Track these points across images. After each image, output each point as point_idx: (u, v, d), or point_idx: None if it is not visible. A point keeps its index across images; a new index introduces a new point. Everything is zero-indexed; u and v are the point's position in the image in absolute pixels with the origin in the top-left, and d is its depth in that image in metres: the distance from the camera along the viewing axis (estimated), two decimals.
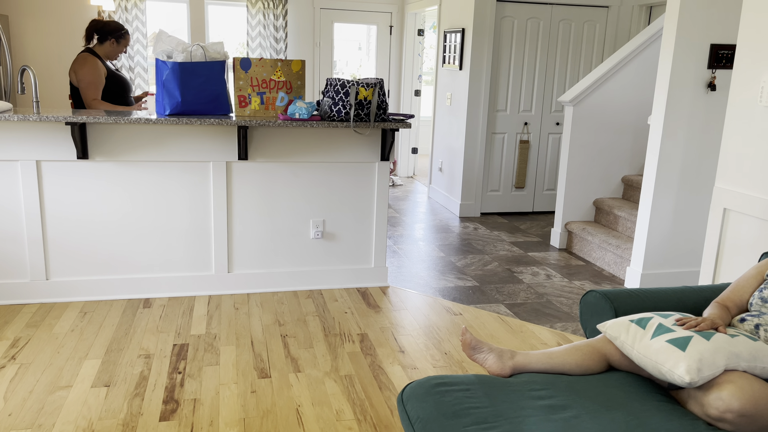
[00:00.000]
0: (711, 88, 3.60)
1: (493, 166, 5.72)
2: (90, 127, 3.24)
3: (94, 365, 2.70)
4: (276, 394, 2.53)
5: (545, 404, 1.66)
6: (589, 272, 4.29)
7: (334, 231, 3.74)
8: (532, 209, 5.94)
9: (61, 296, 3.38)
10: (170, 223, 3.47)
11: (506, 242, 4.93)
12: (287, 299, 3.58)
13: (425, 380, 1.78)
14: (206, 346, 2.94)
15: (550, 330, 3.29)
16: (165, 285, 3.53)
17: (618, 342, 1.82)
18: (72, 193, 3.31)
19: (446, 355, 2.95)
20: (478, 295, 3.77)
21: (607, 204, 4.68)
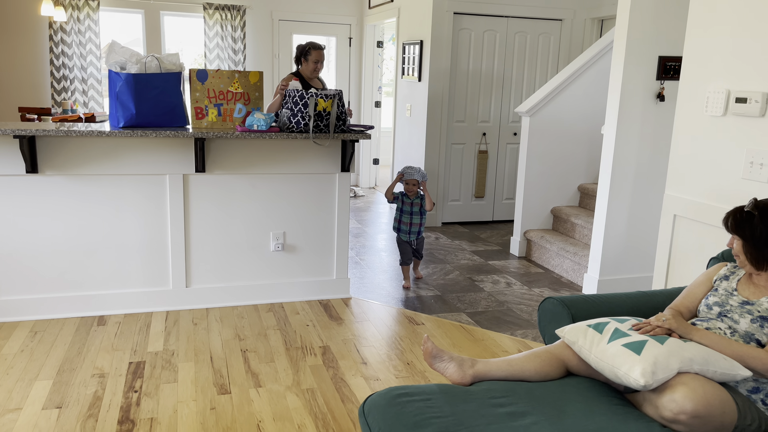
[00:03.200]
0: (660, 99, 3.72)
1: (452, 176, 5.78)
2: (39, 140, 3.14)
3: (45, 386, 2.60)
4: (236, 411, 2.48)
5: (506, 411, 1.67)
6: (548, 279, 4.35)
7: (295, 243, 3.71)
8: (492, 218, 6.01)
9: (9, 315, 3.26)
10: (125, 237, 3.39)
11: (467, 251, 4.97)
12: (247, 313, 3.52)
13: (386, 391, 1.78)
14: (164, 363, 2.87)
15: (510, 337, 3.32)
16: (120, 301, 3.44)
17: (576, 347, 1.85)
18: (21, 209, 3.20)
19: (409, 366, 2.94)
20: (440, 304, 3.79)
21: (564, 212, 4.78)
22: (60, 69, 6.24)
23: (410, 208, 4.03)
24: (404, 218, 4.06)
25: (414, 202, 4.03)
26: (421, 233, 4.12)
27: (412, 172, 3.96)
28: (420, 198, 4.04)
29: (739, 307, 1.85)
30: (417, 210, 4.04)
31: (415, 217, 4.04)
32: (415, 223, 4.05)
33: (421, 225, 4.09)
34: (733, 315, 1.85)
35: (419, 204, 4.04)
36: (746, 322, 1.81)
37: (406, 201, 4.02)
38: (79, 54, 6.29)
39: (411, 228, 4.06)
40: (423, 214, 4.06)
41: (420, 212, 4.05)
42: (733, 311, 1.85)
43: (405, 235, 4.09)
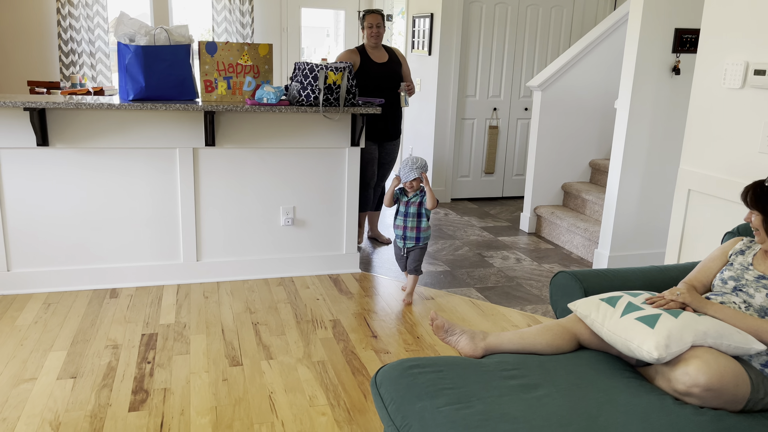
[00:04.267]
0: (675, 72, 3.66)
1: (462, 151, 5.74)
2: (50, 112, 3.13)
3: (59, 357, 2.63)
4: (248, 382, 2.51)
5: (517, 383, 1.68)
6: (558, 255, 4.34)
7: (305, 218, 3.70)
8: (502, 194, 5.98)
9: (23, 288, 3.29)
10: (136, 211, 3.40)
11: (476, 227, 4.96)
12: (258, 287, 3.54)
13: (398, 363, 1.78)
14: (176, 335, 2.89)
15: (520, 312, 3.32)
16: (132, 274, 3.46)
17: (588, 320, 1.84)
18: (32, 182, 3.21)
19: (419, 339, 2.95)
20: (450, 279, 3.79)
21: (575, 188, 4.74)
22: (68, 43, 6.21)
23: (406, 208, 3.24)
24: (398, 219, 3.29)
25: (412, 201, 3.22)
26: (421, 240, 3.29)
27: (409, 171, 3.16)
28: (420, 195, 3.22)
29: (755, 282, 1.83)
30: (415, 211, 3.23)
31: (411, 220, 3.24)
32: (411, 226, 3.24)
33: (420, 230, 3.25)
34: (749, 289, 1.83)
35: (417, 204, 3.22)
36: (761, 297, 1.79)
37: (402, 199, 3.26)
38: (86, 27, 6.25)
39: (406, 233, 3.26)
40: (423, 217, 3.24)
41: (418, 214, 3.23)
42: (748, 285, 1.84)
43: (399, 240, 3.33)
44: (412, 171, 3.13)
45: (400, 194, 3.25)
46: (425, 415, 1.54)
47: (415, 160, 3.15)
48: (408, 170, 3.14)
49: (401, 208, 3.25)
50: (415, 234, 3.26)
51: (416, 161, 3.15)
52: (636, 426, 1.48)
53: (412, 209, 3.23)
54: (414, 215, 3.23)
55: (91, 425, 2.17)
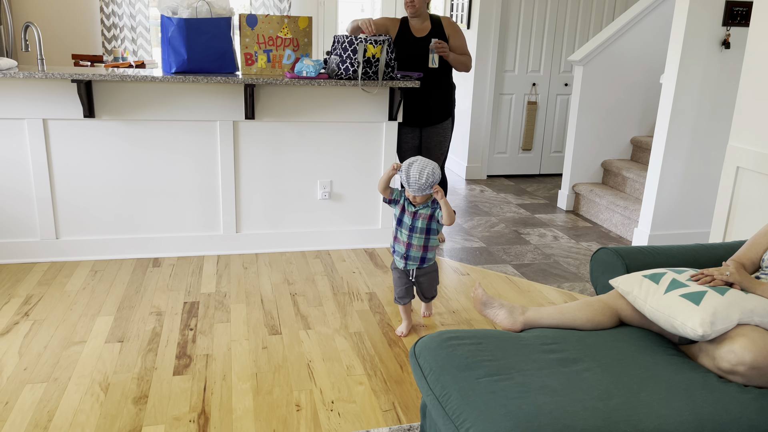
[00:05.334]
0: (725, 46, 3.53)
1: (500, 127, 5.67)
2: (96, 84, 3.20)
3: (106, 321, 2.73)
4: (287, 350, 2.56)
5: (557, 357, 1.68)
6: (596, 233, 4.28)
7: (342, 192, 3.73)
8: (539, 171, 5.91)
9: (71, 255, 3.40)
10: (177, 182, 3.47)
11: (513, 204, 4.91)
12: (295, 259, 3.59)
13: (437, 334, 1.80)
14: (216, 303, 2.96)
15: (557, 290, 3.30)
16: (174, 245, 3.54)
17: (630, 297, 1.82)
18: (79, 152, 3.29)
19: (454, 314, 2.97)
20: (486, 256, 3.78)
21: (616, 165, 4.65)
22: (110, 17, 6.30)
23: (412, 221, 2.51)
24: (401, 233, 2.56)
25: (420, 213, 2.50)
26: (427, 262, 2.59)
27: (421, 184, 2.38)
28: (431, 207, 2.50)
29: None
30: (422, 226, 2.51)
31: (417, 236, 2.52)
32: (415, 244, 2.53)
33: (428, 249, 2.56)
34: None
35: (428, 216, 2.49)
36: None
37: (408, 208, 2.52)
38: (128, 2, 6.33)
39: (410, 251, 2.55)
40: (432, 233, 2.54)
41: (428, 229, 2.52)
42: None
43: (400, 260, 2.60)
44: (424, 185, 2.39)
45: (405, 201, 2.54)
46: (464, 385, 1.55)
47: (421, 171, 2.36)
48: (420, 183, 2.38)
49: (406, 219, 2.52)
50: (421, 253, 2.56)
51: (422, 173, 2.36)
52: (679, 402, 1.47)
53: (420, 223, 2.50)
54: (422, 230, 2.51)
55: (138, 387, 2.25)
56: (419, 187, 2.37)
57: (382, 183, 2.51)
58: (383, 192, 2.53)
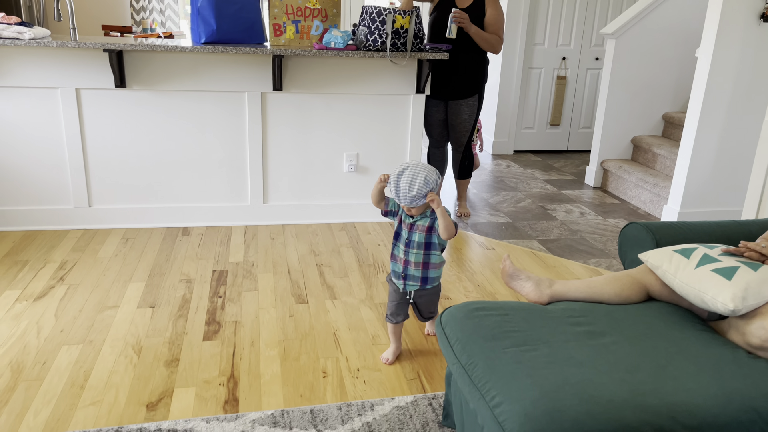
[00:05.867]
0: (764, 19, 3.42)
1: (528, 102, 5.60)
2: (127, 54, 3.23)
3: (138, 288, 2.80)
4: (313, 319, 2.60)
5: (584, 330, 1.68)
6: (624, 210, 4.23)
7: (368, 164, 3.73)
8: (567, 147, 5.83)
9: (103, 223, 3.48)
10: (206, 153, 3.50)
11: (540, 180, 4.87)
12: (321, 231, 3.62)
13: (464, 305, 1.81)
14: (244, 272, 3.01)
15: (583, 265, 3.29)
16: (202, 214, 3.60)
17: (660, 271, 1.81)
18: (111, 122, 3.34)
19: (479, 287, 2.98)
20: (511, 231, 3.76)
21: (646, 142, 4.57)
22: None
23: (409, 234, 2.15)
24: (397, 248, 2.20)
25: (417, 225, 2.13)
26: (429, 282, 2.21)
27: (412, 195, 2.01)
28: (430, 218, 2.12)
29: None
30: (422, 240, 2.13)
31: (415, 252, 2.14)
32: (413, 261, 2.15)
33: (430, 267, 2.18)
34: None
35: (426, 229, 2.12)
36: None
37: (405, 220, 2.16)
38: None
39: (408, 269, 2.17)
40: (433, 248, 2.16)
41: (427, 243, 2.14)
42: None
43: (398, 279, 2.23)
44: (415, 197, 2.01)
45: (403, 213, 2.17)
46: (491, 354, 1.56)
47: (411, 181, 1.99)
48: (405, 198, 2.02)
49: (403, 232, 2.16)
50: (421, 272, 2.17)
51: (412, 183, 1.99)
52: (707, 377, 1.47)
53: (418, 236, 2.12)
54: (420, 245, 2.13)
55: (170, 350, 2.31)
56: (411, 199, 2.01)
57: (374, 196, 2.18)
58: (377, 205, 2.21)
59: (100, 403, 2.00)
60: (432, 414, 2.02)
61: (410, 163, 2.04)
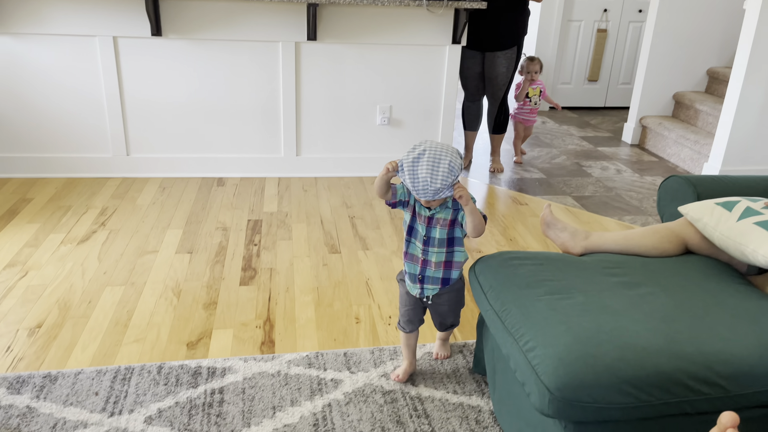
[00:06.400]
0: None
1: (566, 56, 5.45)
2: (162, 3, 3.23)
3: (176, 234, 2.86)
4: (346, 268, 2.64)
5: (619, 281, 1.67)
6: (662, 168, 4.14)
7: (401, 117, 3.70)
8: (605, 104, 5.69)
9: (141, 172, 3.55)
10: (241, 104, 3.52)
11: (575, 137, 4.78)
12: (353, 184, 3.63)
13: (498, 254, 1.81)
14: (279, 222, 3.06)
15: (618, 222, 3.25)
16: (237, 165, 3.64)
17: (700, 224, 1.78)
18: (147, 71, 3.37)
19: (511, 241, 2.97)
20: (545, 187, 3.73)
21: (689, 98, 4.43)
22: None
23: (427, 228, 1.75)
24: (413, 246, 1.81)
25: (437, 218, 1.74)
26: (451, 283, 1.83)
27: (435, 188, 1.59)
28: (452, 208, 1.73)
29: None
30: (441, 236, 1.75)
31: (435, 252, 1.77)
32: (434, 261, 1.78)
33: (453, 266, 1.80)
34: None
35: (449, 222, 1.74)
36: None
37: (420, 212, 1.76)
38: None
39: (426, 270, 1.79)
40: (456, 244, 1.79)
41: (449, 240, 1.77)
42: None
43: (413, 283, 1.84)
44: (434, 193, 1.60)
45: (417, 204, 1.76)
46: (524, 302, 1.57)
47: (433, 170, 1.58)
48: (425, 191, 1.60)
49: (418, 227, 1.77)
50: (442, 273, 1.80)
51: (435, 173, 1.58)
52: (744, 328, 1.46)
53: (439, 232, 1.74)
54: (442, 243, 1.76)
55: (208, 294, 2.38)
56: (434, 192, 1.59)
57: (379, 187, 1.71)
58: (382, 195, 1.74)
59: (143, 340, 2.08)
60: (462, 361, 2.05)
61: (426, 145, 1.61)
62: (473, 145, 4.05)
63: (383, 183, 1.71)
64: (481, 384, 1.95)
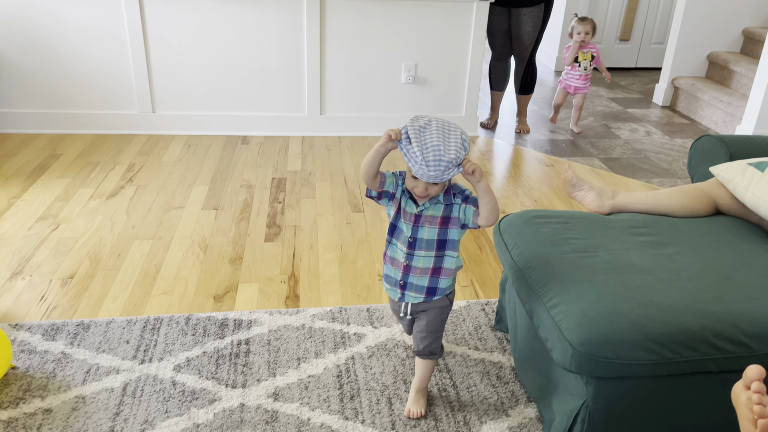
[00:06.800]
0: None
1: (597, 14, 5.29)
2: None
3: (202, 191, 2.90)
4: (369, 227, 2.65)
5: (646, 240, 1.65)
6: (693, 130, 4.05)
7: (426, 76, 3.65)
8: (636, 65, 5.54)
9: (166, 129, 3.57)
10: (265, 61, 3.50)
11: (604, 98, 4.68)
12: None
13: (523, 212, 1.80)
14: (302, 181, 3.07)
15: (645, 184, 3.20)
16: (261, 124, 3.64)
17: (731, 184, 1.74)
18: (173, 27, 3.36)
19: (536, 202, 2.95)
20: (572, 148, 3.67)
21: (723, 58, 4.29)
22: None
23: (412, 229, 1.46)
24: (394, 249, 1.51)
25: (426, 216, 1.45)
26: (438, 293, 1.53)
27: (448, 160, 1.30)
28: (444, 203, 1.45)
29: None
30: (429, 236, 1.46)
31: (422, 256, 1.47)
32: (419, 267, 1.49)
33: (441, 273, 1.51)
34: None
35: (440, 221, 1.45)
36: None
37: (406, 207, 1.46)
38: None
39: (409, 277, 1.51)
40: (449, 247, 1.49)
41: (439, 242, 1.47)
42: None
43: (393, 288, 1.55)
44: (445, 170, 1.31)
45: (404, 195, 1.45)
46: (549, 259, 1.57)
47: (445, 139, 1.33)
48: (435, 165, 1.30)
49: (402, 225, 1.47)
50: (428, 281, 1.50)
51: (447, 142, 1.32)
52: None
53: (428, 232, 1.45)
54: (431, 245, 1.46)
55: (234, 249, 2.41)
56: (446, 166, 1.29)
57: (369, 165, 1.39)
58: (369, 180, 1.41)
59: (172, 292, 2.13)
60: (485, 318, 2.07)
61: (429, 117, 1.39)
62: (499, 105, 3.99)
63: (377, 158, 1.38)
64: (502, 341, 1.96)
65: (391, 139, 1.35)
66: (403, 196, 1.46)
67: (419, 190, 1.39)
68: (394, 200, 1.48)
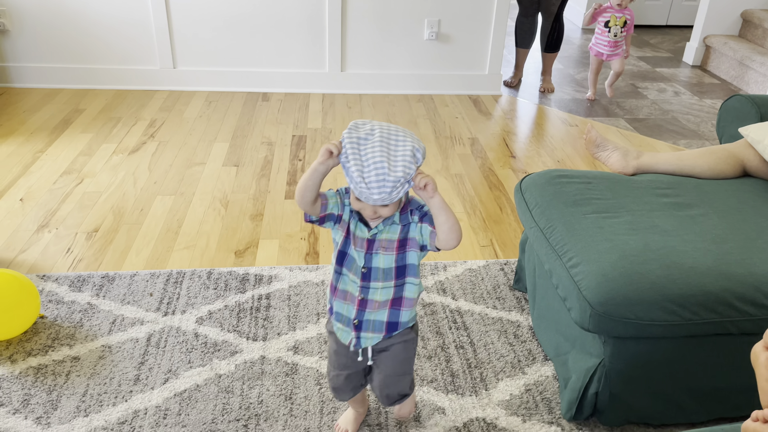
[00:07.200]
0: None
1: None
2: None
3: (222, 147, 2.90)
4: None
5: (670, 201, 1.63)
6: (723, 91, 3.93)
7: (450, 33, 3.58)
8: (666, 22, 5.36)
9: (187, 85, 3.56)
10: (286, 16, 3.45)
11: (632, 57, 4.55)
12: (398, 102, 3.58)
13: (545, 172, 1.78)
14: (323, 139, 3.06)
15: (672, 146, 3.13)
16: (281, 80, 3.61)
17: (761, 146, 1.70)
18: None
19: (559, 163, 2.91)
20: (597, 108, 3.59)
21: (758, 16, 4.13)
22: None
23: (365, 258, 1.18)
24: (344, 281, 1.22)
25: (380, 240, 1.17)
26: (400, 327, 1.26)
27: (394, 179, 1.03)
28: (397, 226, 1.16)
29: None
30: (386, 265, 1.18)
31: (379, 287, 1.20)
32: (377, 301, 1.21)
33: (400, 304, 1.24)
34: None
35: (396, 245, 1.17)
36: None
37: (356, 231, 1.17)
38: None
39: (364, 314, 1.23)
40: (408, 273, 1.21)
41: (398, 269, 1.20)
42: None
43: (344, 329, 1.26)
44: (391, 192, 1.05)
45: (353, 220, 1.17)
46: (570, 219, 1.55)
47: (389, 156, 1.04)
48: (378, 187, 1.04)
49: (353, 253, 1.20)
50: (388, 315, 1.24)
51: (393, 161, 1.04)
52: None
53: (384, 260, 1.19)
54: (389, 274, 1.20)
55: (254, 206, 2.43)
56: (391, 188, 1.05)
57: (307, 189, 1.10)
58: (308, 206, 1.13)
59: (194, 247, 2.16)
60: (503, 278, 2.07)
61: (374, 123, 1.10)
62: (524, 64, 3.90)
63: (316, 179, 1.09)
64: (521, 300, 1.97)
65: (331, 155, 1.07)
66: (352, 218, 1.16)
67: (367, 213, 1.12)
68: (341, 223, 1.18)
